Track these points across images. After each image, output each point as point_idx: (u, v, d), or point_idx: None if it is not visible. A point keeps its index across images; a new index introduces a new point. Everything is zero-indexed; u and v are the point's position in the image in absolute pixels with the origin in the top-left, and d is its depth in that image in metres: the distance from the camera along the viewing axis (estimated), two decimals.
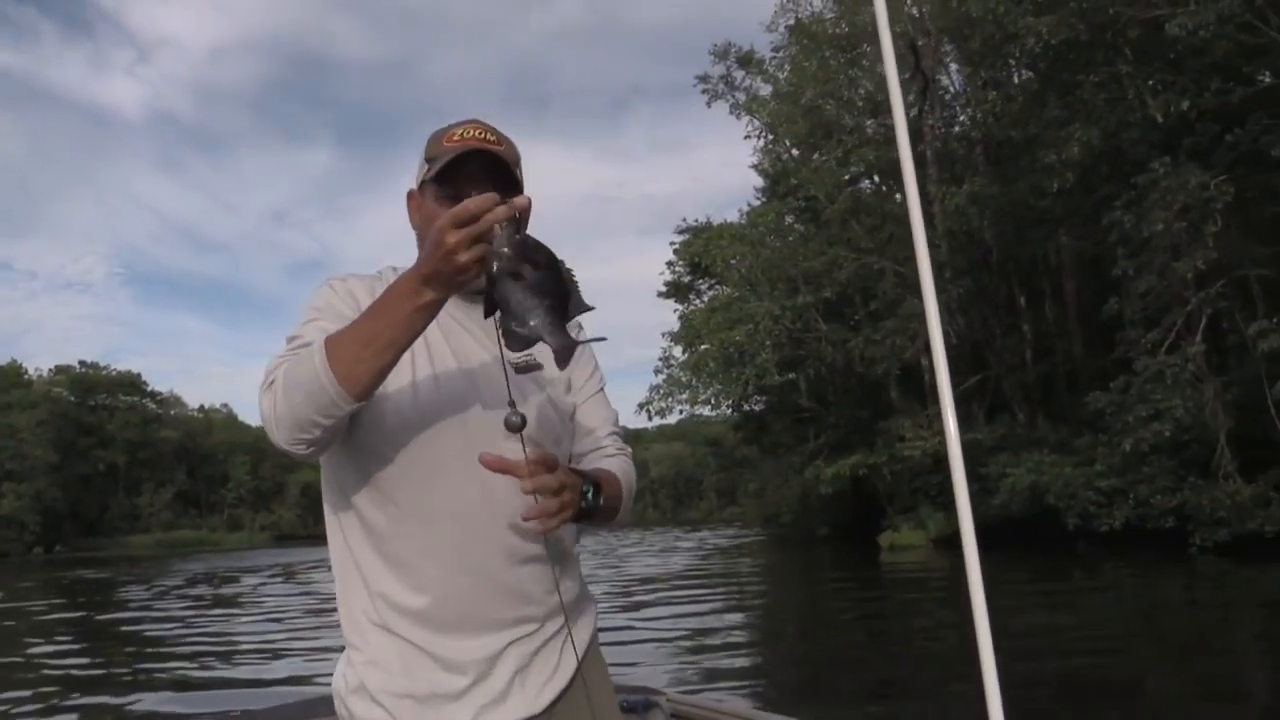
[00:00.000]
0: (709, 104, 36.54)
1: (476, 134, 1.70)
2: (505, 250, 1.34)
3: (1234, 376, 18.19)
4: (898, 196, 32.73)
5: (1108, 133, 20.85)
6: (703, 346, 31.78)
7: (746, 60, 36.77)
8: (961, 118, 32.88)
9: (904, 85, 31.20)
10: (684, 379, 33.01)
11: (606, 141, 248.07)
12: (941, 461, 28.21)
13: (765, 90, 35.62)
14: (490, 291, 1.38)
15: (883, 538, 28.22)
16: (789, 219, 32.76)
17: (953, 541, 26.14)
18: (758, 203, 37.82)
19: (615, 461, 1.82)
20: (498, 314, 1.40)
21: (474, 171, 1.66)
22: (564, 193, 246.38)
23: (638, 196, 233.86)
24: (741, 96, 36.30)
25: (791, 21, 35.43)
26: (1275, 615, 13.17)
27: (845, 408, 33.96)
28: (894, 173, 32.62)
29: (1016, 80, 30.69)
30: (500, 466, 1.50)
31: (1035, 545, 23.15)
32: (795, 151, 37.38)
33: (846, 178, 31.55)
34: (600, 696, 1.79)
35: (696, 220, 37.74)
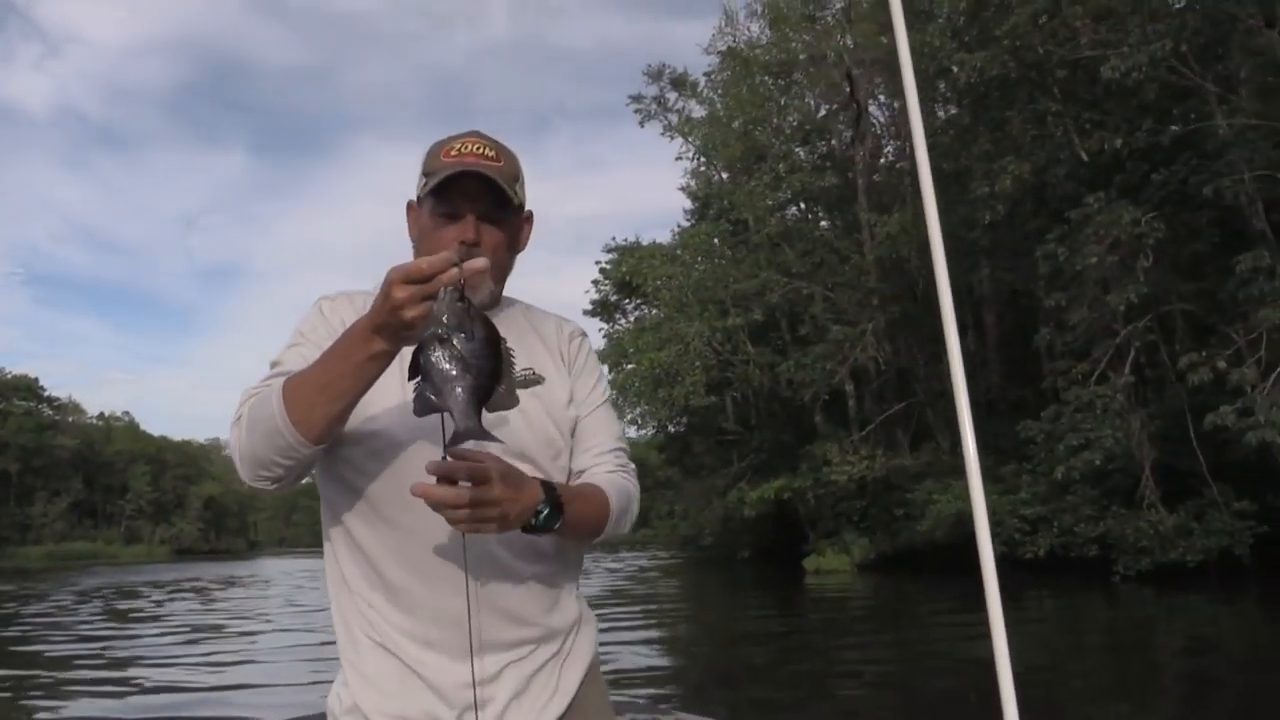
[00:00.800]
0: (642, 124, 36.73)
1: (475, 149, 1.69)
2: (443, 315, 1.33)
3: (1157, 409, 18.62)
4: (824, 223, 33.16)
5: (1038, 168, 21.30)
6: (629, 366, 31.68)
7: (680, 83, 36.94)
8: (888, 148, 33.43)
9: (836, 114, 31.71)
10: (610, 398, 32.74)
11: (527, 160, 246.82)
12: (865, 486, 28.53)
13: (699, 112, 35.74)
14: (416, 352, 1.36)
15: (808, 561, 28.30)
16: (717, 241, 32.87)
17: (876, 566, 26.56)
18: (687, 224, 37.98)
19: (609, 478, 1.76)
20: (418, 378, 1.37)
21: (469, 188, 1.66)
22: None
23: (557, 216, 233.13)
24: (674, 118, 36.44)
25: (726, 46, 35.70)
26: (1195, 643, 13.45)
27: (769, 431, 34.07)
28: (823, 199, 33.04)
29: (942, 115, 31.42)
30: (422, 493, 1.42)
31: (959, 571, 23.40)
32: (723, 175, 37.69)
33: (770, 203, 31.72)
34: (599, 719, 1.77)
35: (626, 240, 37.71)
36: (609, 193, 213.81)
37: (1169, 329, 18.48)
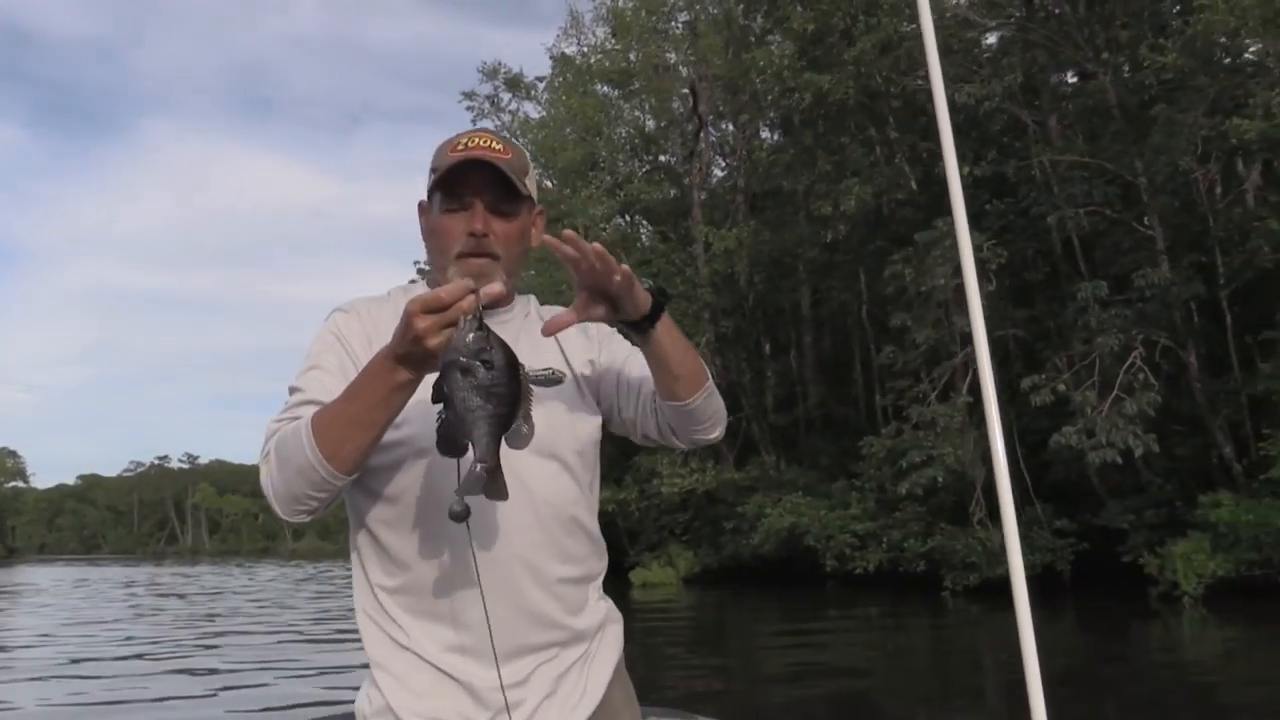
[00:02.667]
0: (474, 122, 35.60)
1: (482, 142, 1.69)
2: (465, 342, 1.35)
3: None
4: (648, 234, 33.09)
5: (879, 191, 21.86)
6: None
7: (515, 83, 36.22)
8: (723, 165, 33.81)
9: (678, 125, 31.74)
10: None
11: (333, 156, 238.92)
12: (688, 500, 28.52)
13: (535, 113, 35.11)
14: (438, 380, 1.38)
15: (635, 575, 28.00)
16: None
17: (701, 580, 26.49)
18: None
19: None
20: (440, 406, 1.39)
21: (476, 179, 1.66)
22: (281, 203, 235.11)
23: (361, 216, 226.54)
24: (508, 118, 35.64)
25: (563, 51, 35.27)
26: (1015, 656, 13.91)
27: None
28: (657, 211, 33.02)
29: (770, 136, 32.11)
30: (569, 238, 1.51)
31: (787, 585, 23.75)
32: (551, 183, 37.17)
33: (597, 212, 31.40)
34: (626, 719, 1.78)
35: None
36: (417, 195, 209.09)
37: (1002, 352, 19.22)
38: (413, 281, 1.85)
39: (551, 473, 1.66)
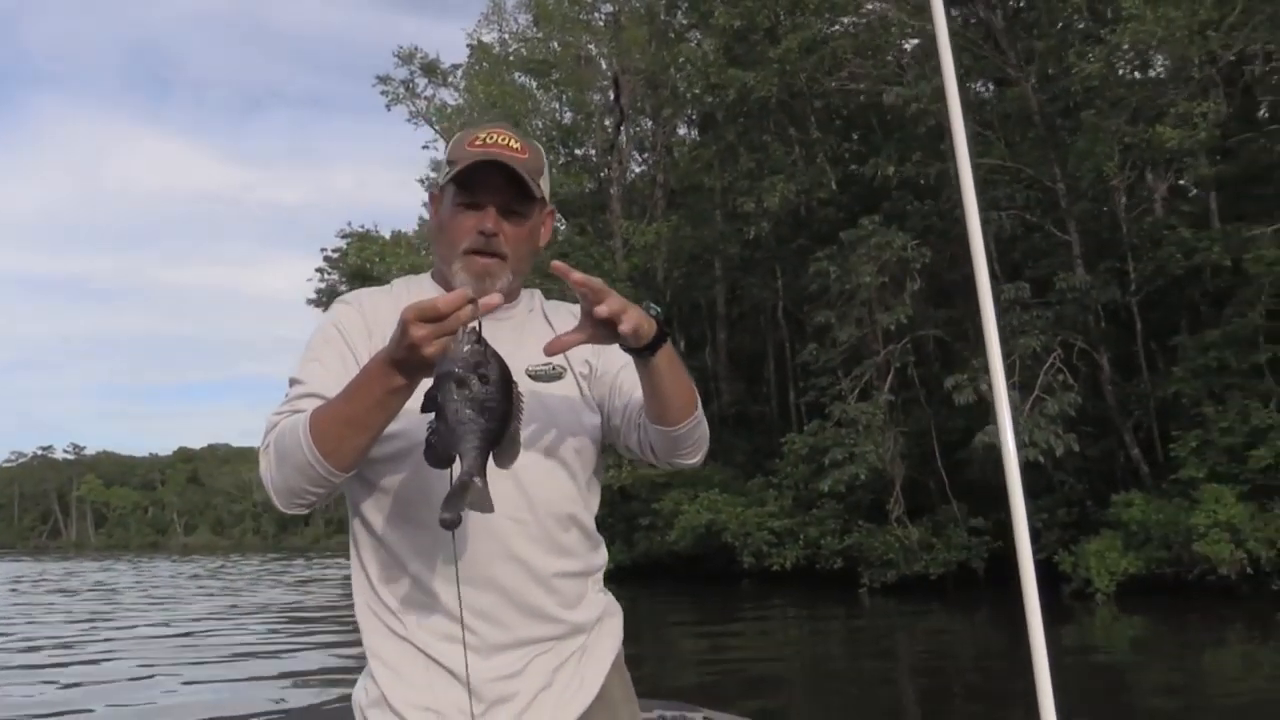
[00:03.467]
0: (389, 106, 34.81)
1: (500, 140, 1.69)
2: (462, 354, 1.35)
3: (906, 428, 19.49)
4: (565, 226, 32.71)
5: (802, 189, 21.92)
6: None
7: (431, 69, 35.42)
8: (641, 159, 33.64)
9: (596, 118, 31.46)
10: None
11: (235, 140, 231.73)
12: (603, 495, 28.08)
13: (453, 100, 34.40)
14: (432, 389, 1.38)
15: None
16: None
17: (615, 577, 26.29)
18: (427, 219, 36.43)
19: None
20: (432, 415, 1.39)
21: (491, 179, 1.66)
22: (180, 186, 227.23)
23: (262, 202, 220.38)
24: (423, 104, 34.85)
25: (490, 36, 34.72)
26: (930, 650, 14.09)
27: None
28: (574, 204, 32.67)
29: (688, 133, 32.07)
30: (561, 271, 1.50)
31: (703, 582, 23.69)
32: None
33: None
34: (624, 714, 1.79)
35: (363, 227, 35.49)
36: (320, 184, 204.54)
37: (921, 352, 19.43)
38: (408, 282, 1.83)
39: (548, 470, 1.67)
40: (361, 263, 32.03)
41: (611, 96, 29.33)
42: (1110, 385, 17.89)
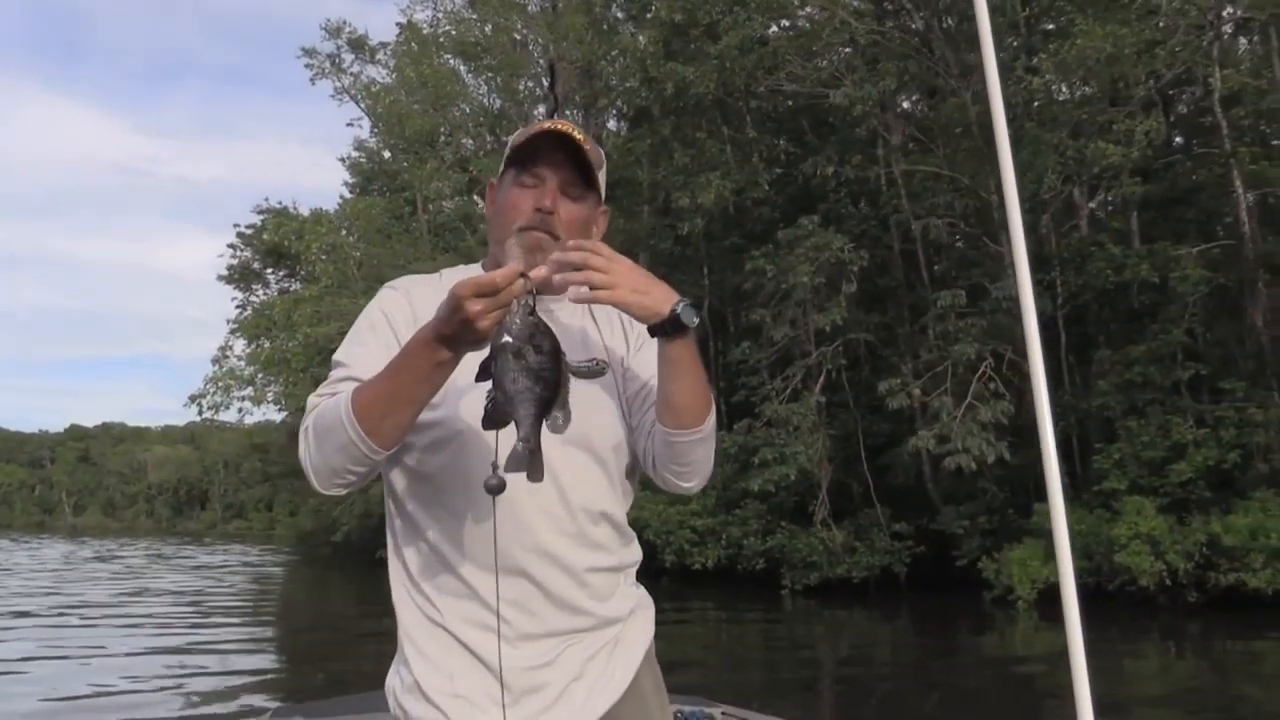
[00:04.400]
0: (313, 80, 33.75)
1: (564, 127, 1.69)
2: (516, 324, 1.40)
3: (835, 430, 19.51)
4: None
5: (738, 187, 21.80)
6: (266, 344, 28.90)
7: (359, 44, 34.46)
8: None
9: (525, 106, 30.96)
10: (248, 375, 29.80)
11: (145, 111, 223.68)
12: None
13: (381, 76, 33.51)
14: (488, 360, 1.42)
15: None
16: (387, 219, 30.88)
17: None
18: (349, 197, 35.52)
19: None
20: (489, 383, 1.43)
21: (554, 158, 1.67)
22: (86, 155, 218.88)
23: (172, 176, 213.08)
24: (349, 80, 33.87)
25: (423, 14, 33.88)
26: (852, 653, 14.13)
27: None
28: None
29: (618, 126, 31.74)
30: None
31: None
32: (386, 154, 35.73)
33: (441, 185, 30.27)
34: (654, 706, 1.78)
35: (280, 203, 34.33)
36: (237, 160, 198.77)
37: (851, 356, 19.45)
38: (457, 271, 1.83)
39: (583, 465, 1.67)
40: (279, 240, 31.04)
41: (546, 83, 28.82)
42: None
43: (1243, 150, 16.69)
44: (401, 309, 1.71)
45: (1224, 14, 15.70)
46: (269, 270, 36.71)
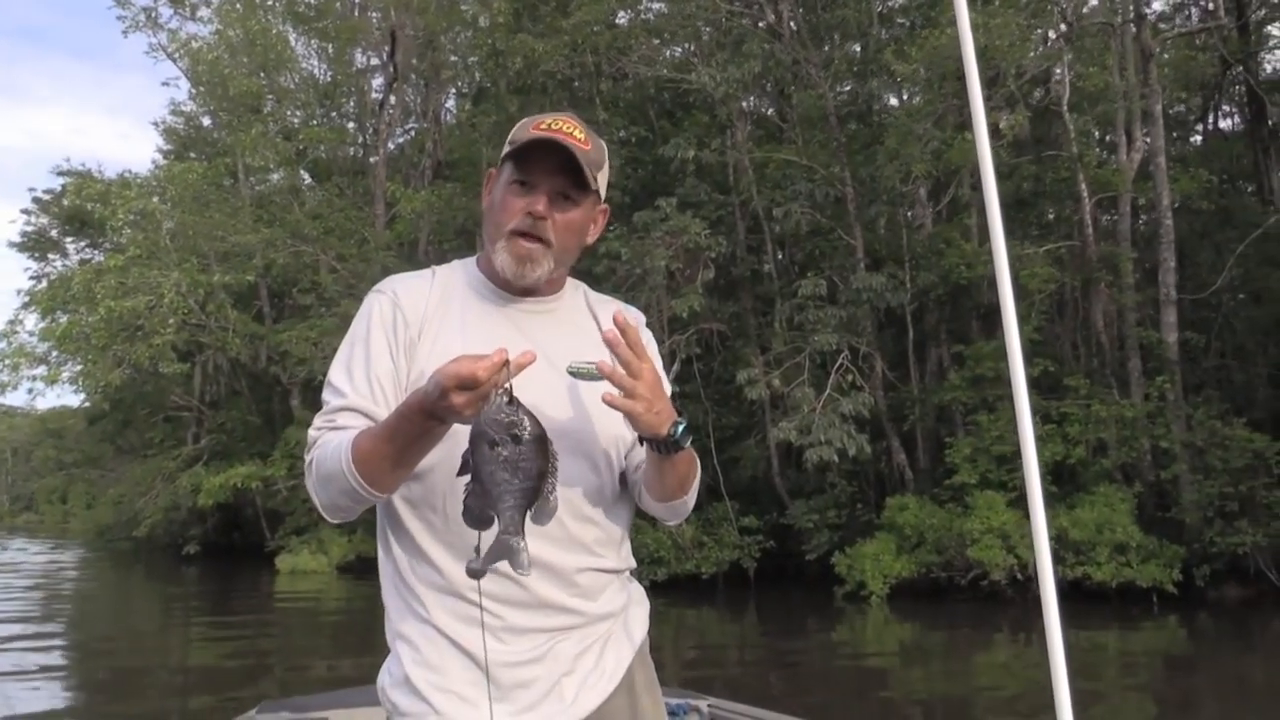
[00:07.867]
0: (125, 34, 31.07)
1: (565, 128, 1.69)
2: (495, 417, 1.37)
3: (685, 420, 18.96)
4: (345, 192, 30.36)
5: None
6: (63, 319, 26.30)
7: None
8: (407, 127, 31.73)
9: (358, 79, 29.31)
10: (41, 353, 27.05)
11: None
12: None
13: (204, 33, 31.03)
14: (466, 452, 1.41)
15: (282, 561, 25.26)
16: (205, 185, 28.61)
17: (358, 568, 24.56)
18: (161, 160, 32.92)
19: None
20: (468, 477, 1.41)
21: (549, 162, 1.67)
22: None
23: None
24: (165, 37, 31.24)
25: None
26: (697, 651, 13.68)
27: (236, 410, 30.22)
28: (321, 165, 30.35)
29: (460, 104, 30.54)
30: (611, 339, 1.56)
31: None
32: (207, 121, 33.38)
33: (262, 152, 28.27)
34: (646, 702, 1.77)
35: (84, 166, 31.44)
36: (32, 125, 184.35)
37: (703, 345, 18.96)
38: (451, 267, 1.84)
39: (578, 468, 1.66)
40: (81, 204, 28.34)
41: (386, 53, 27.26)
42: (882, 390, 18.09)
43: (1089, 154, 17.09)
44: (388, 316, 1.71)
45: (1083, 11, 15.98)
46: (69, 239, 33.70)
